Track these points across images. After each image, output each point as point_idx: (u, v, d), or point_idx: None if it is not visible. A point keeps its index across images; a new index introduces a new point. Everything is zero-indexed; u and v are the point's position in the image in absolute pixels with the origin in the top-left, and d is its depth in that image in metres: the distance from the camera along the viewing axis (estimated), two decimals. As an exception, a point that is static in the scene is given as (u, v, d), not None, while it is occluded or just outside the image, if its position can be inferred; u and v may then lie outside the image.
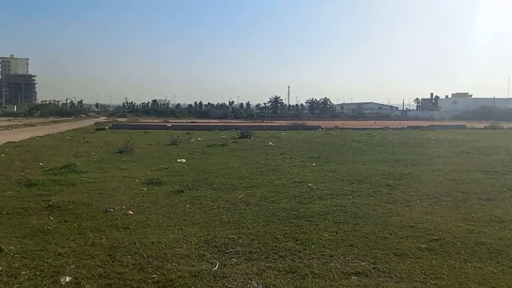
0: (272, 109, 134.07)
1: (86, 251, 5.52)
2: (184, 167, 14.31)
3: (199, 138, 28.15)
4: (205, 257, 5.37)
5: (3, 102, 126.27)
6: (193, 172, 13.16)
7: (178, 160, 16.07)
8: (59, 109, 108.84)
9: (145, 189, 10.35)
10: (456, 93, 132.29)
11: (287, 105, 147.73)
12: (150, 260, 5.21)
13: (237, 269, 4.94)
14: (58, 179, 11.15)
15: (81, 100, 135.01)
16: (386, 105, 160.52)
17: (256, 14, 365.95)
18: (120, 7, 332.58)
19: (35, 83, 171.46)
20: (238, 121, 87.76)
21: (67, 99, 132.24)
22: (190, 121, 79.02)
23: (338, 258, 5.33)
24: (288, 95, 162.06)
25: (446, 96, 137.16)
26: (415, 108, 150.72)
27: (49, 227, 6.68)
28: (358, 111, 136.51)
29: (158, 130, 40.38)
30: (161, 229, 6.83)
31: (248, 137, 27.54)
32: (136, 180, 11.47)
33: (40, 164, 14.61)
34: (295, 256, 5.41)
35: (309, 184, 10.90)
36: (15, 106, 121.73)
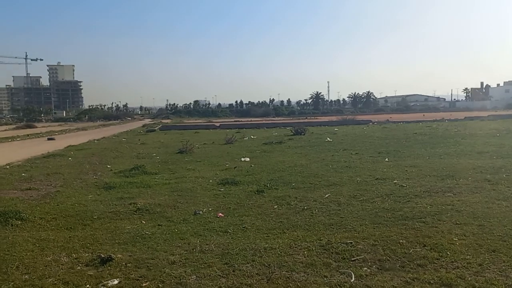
0: (314, 105, 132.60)
1: (199, 258, 5.08)
2: (251, 166, 13.86)
3: (252, 137, 27.79)
4: (331, 266, 4.79)
5: (53, 108, 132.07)
6: (263, 171, 12.66)
7: (242, 159, 15.66)
8: (105, 113, 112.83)
9: (222, 189, 9.95)
10: (509, 81, 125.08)
11: (328, 101, 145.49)
12: (274, 269, 4.69)
13: (378, 280, 4.32)
14: (133, 181, 10.97)
15: (126, 104, 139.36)
16: (433, 97, 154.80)
17: (296, 15, 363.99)
18: (162, 10, 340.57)
19: (81, 89, 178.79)
20: (281, 118, 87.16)
21: (112, 103, 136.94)
22: (233, 120, 79.30)
23: (489, 267, 4.59)
24: (328, 91, 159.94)
25: (498, 85, 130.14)
26: (463, 98, 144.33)
27: (147, 232, 6.35)
28: (403, 103, 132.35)
29: (207, 130, 40.51)
30: (262, 232, 6.33)
31: (303, 133, 26.87)
32: (210, 181, 11.10)
33: (108, 166, 14.63)
34: (436, 264, 4.72)
35: (394, 181, 10.11)
36: (64, 112, 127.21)
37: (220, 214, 7.53)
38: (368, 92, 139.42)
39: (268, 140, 24.21)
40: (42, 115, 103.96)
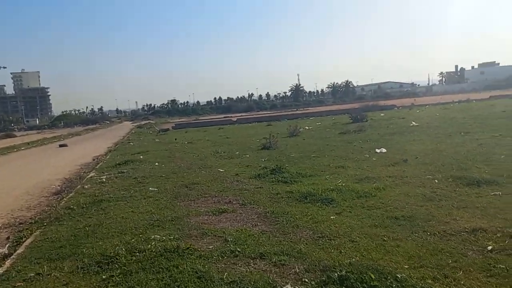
0: (294, 98, 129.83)
1: None
2: (417, 157, 10.85)
3: (307, 127, 24.71)
4: None
5: (23, 116, 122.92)
6: (451, 163, 9.67)
7: (378, 150, 12.59)
8: (82, 117, 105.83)
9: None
10: (483, 63, 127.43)
11: (307, 93, 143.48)
12: None
13: None
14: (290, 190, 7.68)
15: (101, 107, 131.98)
16: (407, 83, 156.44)
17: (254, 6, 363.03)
18: (123, 14, 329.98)
19: (49, 95, 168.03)
20: (268, 112, 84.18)
21: (87, 107, 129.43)
22: (223, 116, 75.80)
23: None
24: (298, 81, 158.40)
25: (472, 67, 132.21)
26: (436, 83, 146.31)
27: None
28: (380, 91, 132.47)
29: (225, 125, 36.93)
30: None
31: (364, 120, 24.05)
32: (436, 180, 8.00)
33: (220, 170, 11.18)
34: None
35: None
36: (37, 119, 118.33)
37: None
38: (347, 81, 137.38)
39: (332, 130, 21.35)
40: (13, 124, 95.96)
